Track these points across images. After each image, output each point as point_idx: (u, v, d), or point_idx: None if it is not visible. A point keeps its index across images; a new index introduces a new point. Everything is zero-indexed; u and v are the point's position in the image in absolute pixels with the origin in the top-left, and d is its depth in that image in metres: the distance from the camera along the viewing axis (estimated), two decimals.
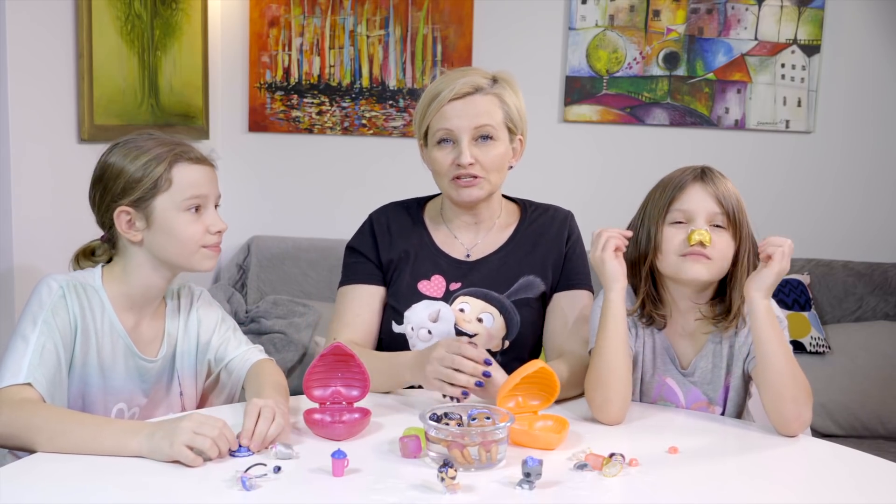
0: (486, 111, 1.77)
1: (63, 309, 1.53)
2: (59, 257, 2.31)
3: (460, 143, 1.76)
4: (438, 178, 1.82)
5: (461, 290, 1.82)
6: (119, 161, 1.59)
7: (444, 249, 1.87)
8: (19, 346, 1.49)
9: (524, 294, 1.81)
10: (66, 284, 1.56)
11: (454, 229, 1.88)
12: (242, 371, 1.70)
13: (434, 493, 1.27)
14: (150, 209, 1.56)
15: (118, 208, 1.57)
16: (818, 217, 3.31)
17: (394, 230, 1.88)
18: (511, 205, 1.94)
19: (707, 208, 1.61)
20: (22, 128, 2.18)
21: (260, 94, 3.39)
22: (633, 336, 1.70)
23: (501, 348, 1.80)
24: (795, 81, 3.24)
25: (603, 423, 1.59)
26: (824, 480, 1.40)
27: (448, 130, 1.77)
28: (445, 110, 1.76)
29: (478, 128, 1.76)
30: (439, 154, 1.78)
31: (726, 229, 1.62)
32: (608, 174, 3.34)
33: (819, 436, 1.97)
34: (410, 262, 1.85)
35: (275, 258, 3.30)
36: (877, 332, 3.00)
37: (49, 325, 1.51)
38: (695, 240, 1.59)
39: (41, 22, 2.26)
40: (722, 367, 1.68)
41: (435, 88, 1.79)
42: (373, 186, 2.51)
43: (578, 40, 3.27)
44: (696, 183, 1.63)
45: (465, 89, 1.77)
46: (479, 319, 1.79)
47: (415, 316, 1.80)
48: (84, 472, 1.33)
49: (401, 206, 1.94)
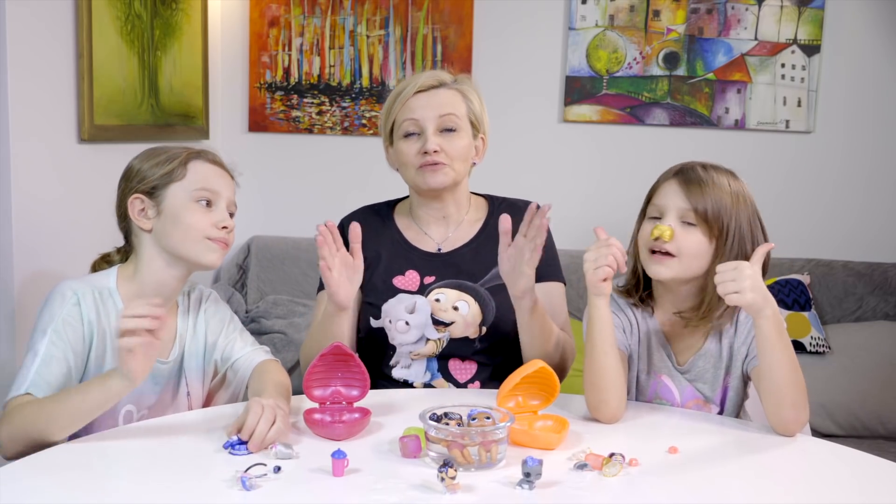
0: (449, 103, 1.84)
1: (76, 317, 1.56)
2: (59, 257, 2.32)
3: (426, 133, 1.82)
4: (405, 170, 1.87)
5: (436, 282, 1.85)
6: (139, 164, 1.66)
7: (415, 245, 1.91)
8: (28, 359, 1.54)
9: (498, 281, 1.83)
10: (81, 291, 1.58)
11: (424, 225, 1.93)
12: (247, 371, 1.71)
13: (434, 493, 1.27)
14: (161, 197, 1.62)
15: (132, 196, 1.62)
16: (818, 217, 3.31)
17: (364, 233, 1.88)
18: (479, 199, 1.98)
19: (677, 205, 1.61)
20: (22, 128, 2.18)
21: (260, 94, 3.39)
22: (628, 333, 1.71)
23: (479, 334, 1.84)
24: (795, 81, 3.24)
25: (601, 422, 1.59)
26: (824, 480, 1.40)
27: (414, 121, 1.83)
28: (410, 103, 1.83)
29: (442, 117, 1.82)
30: (405, 146, 1.84)
31: (697, 226, 1.60)
32: (608, 174, 3.34)
33: (819, 436, 1.97)
34: (383, 260, 1.89)
35: (275, 258, 3.31)
36: (877, 332, 3.00)
37: (58, 335, 1.54)
38: (654, 234, 1.61)
39: (41, 22, 2.26)
40: (721, 367, 1.68)
41: (398, 87, 1.87)
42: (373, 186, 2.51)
43: (578, 40, 3.27)
44: (673, 179, 1.64)
45: (430, 82, 1.85)
46: (455, 308, 1.83)
47: (392, 309, 1.84)
48: (84, 472, 1.33)
49: (370, 210, 1.99)
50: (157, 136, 2.76)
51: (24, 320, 2.17)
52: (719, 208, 1.60)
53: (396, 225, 1.95)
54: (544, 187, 3.20)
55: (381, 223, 1.95)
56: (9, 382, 1.54)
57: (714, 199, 1.60)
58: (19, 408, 1.46)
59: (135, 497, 1.26)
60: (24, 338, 2.14)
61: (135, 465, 1.35)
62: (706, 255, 1.61)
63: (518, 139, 3.30)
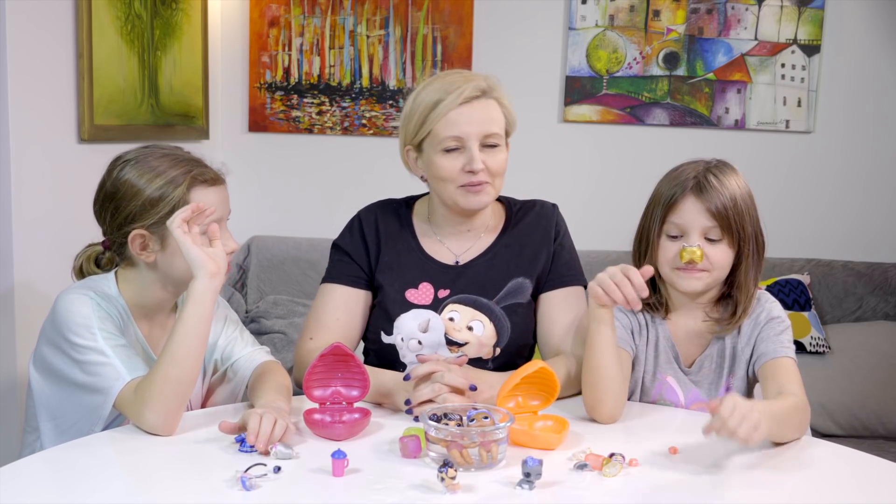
0: (493, 117, 1.75)
1: (104, 313, 1.54)
2: (59, 257, 2.31)
3: (471, 150, 1.72)
4: (442, 185, 1.77)
5: (450, 297, 1.79)
6: (135, 180, 1.57)
7: (431, 255, 1.84)
8: (97, 358, 1.50)
9: (513, 299, 1.80)
10: (94, 295, 1.56)
11: (443, 236, 1.85)
12: (247, 371, 1.71)
13: (434, 493, 1.27)
14: (165, 232, 1.55)
15: (133, 231, 1.57)
16: (818, 217, 3.31)
17: (382, 232, 1.85)
18: (496, 205, 1.91)
19: (701, 223, 1.60)
20: (22, 128, 2.18)
21: (260, 94, 3.39)
22: (637, 334, 1.70)
23: (493, 356, 1.78)
24: (795, 81, 3.24)
25: (598, 422, 1.59)
26: (824, 480, 1.40)
27: (457, 138, 1.72)
28: (452, 116, 1.72)
29: (487, 136, 1.73)
30: (446, 161, 1.74)
31: (722, 240, 1.61)
32: (608, 174, 3.34)
33: (819, 436, 1.97)
34: (398, 267, 1.83)
35: (275, 258, 3.30)
36: (877, 332, 3.00)
37: (105, 330, 1.52)
38: (685, 258, 1.59)
39: (41, 22, 2.26)
40: (724, 367, 1.68)
41: (435, 94, 1.73)
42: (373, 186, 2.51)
43: (578, 40, 3.27)
44: (690, 196, 1.61)
45: (474, 93, 1.72)
46: (470, 328, 1.77)
47: (404, 326, 1.78)
48: (84, 472, 1.33)
49: (389, 207, 1.91)
50: (157, 136, 2.76)
51: (24, 319, 2.17)
52: (739, 218, 1.60)
53: (414, 229, 1.87)
54: (544, 187, 3.19)
55: (399, 226, 1.87)
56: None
57: (734, 210, 1.60)
58: (141, 387, 1.45)
59: (135, 497, 1.26)
60: (23, 337, 2.14)
61: (135, 465, 1.35)
62: (731, 262, 1.63)
63: (518, 139, 3.25)
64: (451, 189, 1.76)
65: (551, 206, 1.91)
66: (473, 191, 1.74)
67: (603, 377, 1.58)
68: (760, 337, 1.64)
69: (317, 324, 1.82)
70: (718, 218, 1.59)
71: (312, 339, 1.79)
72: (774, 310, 1.68)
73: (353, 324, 1.83)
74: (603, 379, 1.58)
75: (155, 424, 1.45)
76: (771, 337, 1.63)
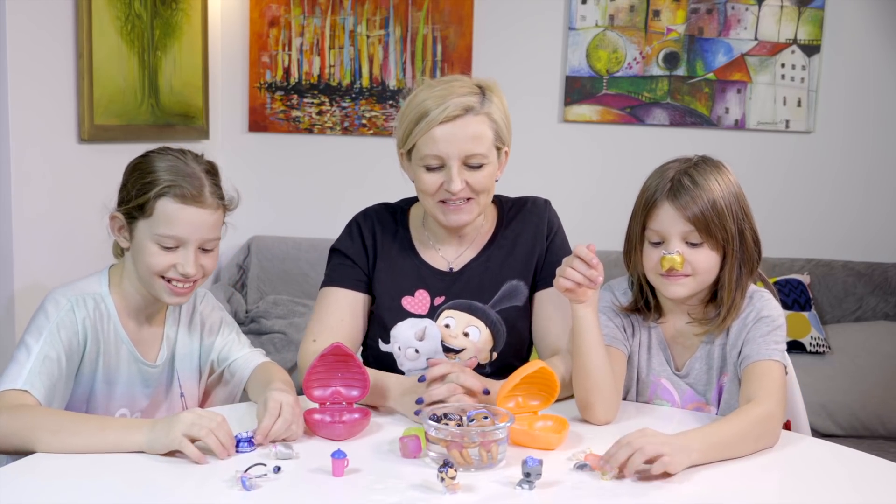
0: (476, 136, 1.68)
1: (70, 323, 1.55)
2: (59, 257, 2.32)
3: (450, 170, 1.68)
4: (423, 197, 1.75)
5: (445, 303, 1.79)
6: (146, 162, 1.60)
7: (426, 260, 1.83)
8: (21, 354, 1.51)
9: (509, 303, 1.79)
10: (74, 299, 1.57)
11: (437, 241, 1.84)
12: (245, 373, 1.71)
13: (434, 493, 1.27)
14: (134, 226, 1.58)
15: (113, 213, 1.60)
16: (818, 217, 3.31)
17: (378, 236, 1.84)
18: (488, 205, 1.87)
19: (678, 229, 1.58)
20: (22, 128, 2.18)
21: (260, 94, 3.40)
22: (629, 335, 1.70)
23: (490, 360, 1.78)
24: (795, 81, 3.24)
25: (592, 424, 1.58)
26: (824, 480, 1.40)
27: (437, 157, 1.68)
28: (434, 133, 1.67)
29: (469, 157, 1.69)
30: (426, 176, 1.71)
31: (704, 243, 1.58)
32: (608, 174, 3.35)
33: (819, 436, 1.97)
34: (394, 273, 1.82)
35: (275, 258, 3.31)
36: (877, 332, 3.00)
37: (53, 337, 1.52)
38: (665, 266, 1.58)
39: (41, 22, 2.26)
40: (715, 368, 1.67)
41: (422, 105, 1.69)
42: (373, 186, 2.51)
43: (578, 40, 3.27)
44: (666, 202, 1.58)
45: (456, 112, 1.66)
46: (466, 334, 1.76)
47: (401, 335, 1.77)
48: (84, 472, 1.33)
49: (387, 211, 1.90)
50: (157, 136, 2.76)
51: (24, 319, 2.17)
52: (719, 218, 1.57)
53: (410, 235, 1.86)
54: (544, 187, 3.18)
55: (395, 230, 1.86)
56: None
57: (712, 212, 1.56)
58: (18, 408, 1.43)
59: (135, 498, 1.25)
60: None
61: (134, 466, 1.35)
62: (717, 264, 1.60)
63: (518, 139, 3.24)
64: (430, 203, 1.75)
65: (543, 201, 1.89)
66: (452, 209, 1.72)
67: (592, 378, 1.57)
68: (747, 338, 1.61)
69: (320, 326, 1.81)
70: (695, 222, 1.56)
71: (316, 342, 1.79)
72: (765, 309, 1.63)
73: (357, 326, 1.82)
74: (593, 380, 1.57)
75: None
76: (756, 338, 1.60)
